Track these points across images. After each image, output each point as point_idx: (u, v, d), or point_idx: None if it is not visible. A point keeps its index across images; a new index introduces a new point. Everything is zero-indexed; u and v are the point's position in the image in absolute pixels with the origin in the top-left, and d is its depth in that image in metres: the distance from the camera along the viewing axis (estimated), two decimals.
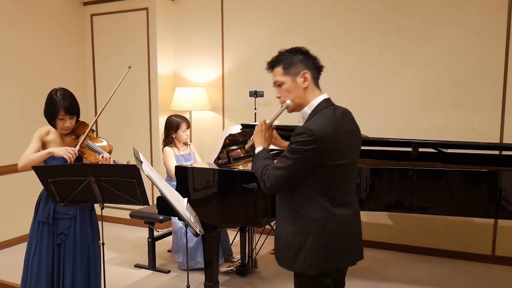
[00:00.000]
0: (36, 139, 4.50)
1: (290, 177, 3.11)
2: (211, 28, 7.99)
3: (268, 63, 3.43)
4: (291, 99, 3.28)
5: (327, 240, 3.15)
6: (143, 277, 6.24)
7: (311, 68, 3.31)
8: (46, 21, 7.83)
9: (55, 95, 4.41)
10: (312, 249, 3.14)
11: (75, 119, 4.52)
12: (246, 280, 6.08)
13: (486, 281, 6.00)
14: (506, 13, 6.13)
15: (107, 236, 6.31)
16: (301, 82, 3.24)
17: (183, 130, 6.43)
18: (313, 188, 3.12)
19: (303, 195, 3.15)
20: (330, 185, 3.14)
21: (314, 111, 3.22)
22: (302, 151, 3.02)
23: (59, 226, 4.47)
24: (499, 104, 6.27)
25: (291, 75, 3.26)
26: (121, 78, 4.85)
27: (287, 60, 3.30)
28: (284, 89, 3.30)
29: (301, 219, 3.16)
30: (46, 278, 4.48)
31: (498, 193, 4.82)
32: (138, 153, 3.84)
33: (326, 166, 3.08)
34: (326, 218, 3.13)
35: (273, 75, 3.39)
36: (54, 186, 3.98)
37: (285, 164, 3.08)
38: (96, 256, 4.68)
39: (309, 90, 3.27)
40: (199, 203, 5.01)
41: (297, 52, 3.33)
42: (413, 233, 6.93)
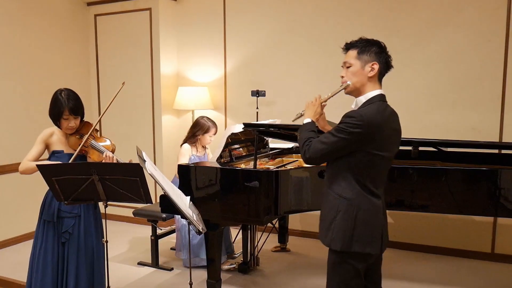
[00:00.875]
0: (39, 142, 4.53)
1: (329, 153, 3.32)
2: (213, 28, 7.99)
3: (346, 44, 3.63)
4: (353, 82, 3.44)
5: (354, 221, 3.32)
6: (147, 274, 6.24)
7: (382, 62, 3.46)
8: (50, 21, 7.84)
9: (60, 95, 4.43)
10: (340, 225, 3.34)
11: (80, 119, 4.54)
12: (248, 277, 6.08)
13: (485, 279, 6.00)
14: (505, 13, 6.13)
15: (110, 234, 6.31)
16: (368, 70, 3.41)
17: (210, 135, 6.41)
18: (348, 169, 3.33)
19: (340, 175, 3.38)
20: (365, 172, 3.32)
21: (368, 101, 3.38)
22: (348, 132, 3.19)
23: (64, 225, 4.47)
24: (498, 103, 6.26)
25: (362, 61, 3.44)
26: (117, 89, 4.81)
27: (364, 47, 3.50)
28: (351, 71, 3.46)
29: (334, 196, 3.40)
30: (51, 276, 4.48)
31: (497, 191, 4.83)
32: (141, 152, 3.84)
33: (366, 152, 3.27)
34: (356, 200, 3.33)
35: (346, 56, 3.56)
36: (58, 185, 3.98)
37: (328, 140, 3.27)
38: (100, 255, 4.68)
39: (372, 80, 3.43)
40: (202, 201, 5.01)
41: (375, 44, 3.54)
42: (413, 231, 6.93)
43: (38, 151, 4.51)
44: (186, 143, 6.40)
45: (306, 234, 7.59)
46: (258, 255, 6.41)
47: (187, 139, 6.46)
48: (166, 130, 8.19)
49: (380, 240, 3.44)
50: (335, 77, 6.77)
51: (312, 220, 7.45)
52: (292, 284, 5.85)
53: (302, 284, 5.86)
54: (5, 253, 7.01)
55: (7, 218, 7.22)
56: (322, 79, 7.09)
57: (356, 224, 3.32)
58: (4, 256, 6.90)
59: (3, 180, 7.15)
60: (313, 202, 5.08)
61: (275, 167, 5.17)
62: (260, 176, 4.79)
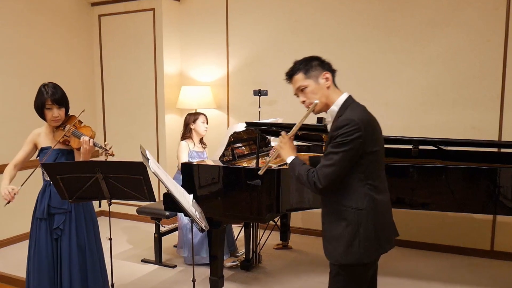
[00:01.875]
0: (27, 143, 4.60)
1: (341, 172, 3.18)
2: (216, 29, 7.99)
3: (287, 74, 3.49)
4: (319, 99, 3.35)
5: (375, 227, 3.27)
6: (150, 271, 6.24)
7: (329, 70, 3.41)
8: (55, 21, 7.84)
9: (43, 87, 4.49)
10: (366, 238, 3.24)
11: (64, 111, 4.53)
12: (250, 274, 6.08)
13: (484, 276, 5.99)
14: (504, 13, 6.12)
15: (114, 231, 6.32)
16: (324, 82, 3.35)
17: (201, 121, 6.47)
18: (357, 178, 3.24)
19: (348, 188, 3.25)
20: (372, 173, 3.27)
21: (342, 107, 3.32)
22: (349, 141, 3.11)
23: (55, 221, 4.47)
24: (497, 102, 6.26)
25: (313, 77, 3.36)
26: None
27: (305, 66, 3.40)
28: (309, 92, 3.37)
29: (350, 211, 3.24)
30: (47, 273, 4.49)
31: (496, 189, 4.83)
32: (145, 151, 3.84)
33: (368, 153, 3.20)
34: (372, 206, 3.25)
35: (293, 83, 3.46)
36: (62, 183, 3.99)
37: (333, 161, 3.16)
38: (94, 251, 4.64)
39: (331, 89, 3.39)
40: (205, 199, 5.02)
41: (312, 59, 3.45)
42: (414, 229, 6.93)
43: (26, 152, 4.58)
44: (183, 141, 6.49)
45: (307, 232, 7.59)
46: (260, 253, 6.41)
47: (182, 136, 6.57)
48: (169, 129, 8.19)
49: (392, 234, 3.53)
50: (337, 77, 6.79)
51: (313, 218, 7.45)
52: (294, 281, 5.85)
53: (303, 281, 5.86)
54: (10, 251, 7.04)
55: (12, 217, 7.21)
56: None
57: (377, 229, 3.28)
58: (9, 253, 6.92)
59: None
60: (314, 200, 5.08)
61: (277, 165, 5.17)
62: (262, 174, 4.78)
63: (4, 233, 7.19)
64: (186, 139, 6.50)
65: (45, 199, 4.45)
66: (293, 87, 3.46)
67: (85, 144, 4.35)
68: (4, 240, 7.18)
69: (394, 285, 5.73)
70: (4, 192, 4.31)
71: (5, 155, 7.05)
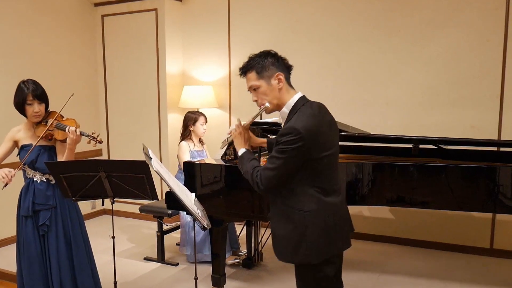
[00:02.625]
0: (6, 141, 4.56)
1: (282, 176, 3.17)
2: (218, 29, 7.99)
3: (240, 69, 3.44)
4: (269, 101, 3.34)
5: (323, 228, 3.23)
6: (152, 269, 6.25)
7: (283, 69, 3.35)
8: (58, 21, 7.85)
9: (22, 83, 4.49)
10: (313, 239, 3.21)
11: (44, 106, 4.52)
12: (252, 272, 6.09)
13: (484, 273, 5.99)
14: (503, 13, 6.12)
15: (117, 230, 6.33)
16: (276, 84, 3.30)
17: (201, 123, 6.48)
18: (304, 182, 3.20)
19: (295, 191, 3.23)
20: (319, 177, 3.22)
21: (292, 110, 3.28)
22: (291, 149, 3.08)
23: (40, 217, 4.46)
24: (497, 101, 6.25)
25: (266, 78, 3.31)
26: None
27: (259, 64, 3.32)
28: (261, 92, 3.35)
29: (297, 213, 3.23)
30: (39, 269, 4.49)
31: (496, 188, 4.82)
32: (148, 149, 3.85)
33: (314, 160, 3.16)
34: (320, 208, 3.21)
35: (247, 80, 3.42)
36: (66, 181, 3.99)
37: (275, 165, 3.15)
38: (81, 245, 4.64)
39: (284, 90, 3.33)
40: (207, 198, 5.01)
41: (267, 56, 3.36)
42: (414, 227, 6.92)
43: (5, 149, 4.54)
44: (183, 141, 6.50)
45: None
46: (262, 251, 6.41)
47: (182, 136, 6.57)
48: (172, 128, 8.19)
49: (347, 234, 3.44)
50: (337, 76, 6.80)
51: None
52: (295, 278, 5.85)
53: None
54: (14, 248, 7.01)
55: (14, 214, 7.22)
56: (324, 78, 7.10)
57: (327, 231, 3.25)
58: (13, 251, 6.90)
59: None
60: None
61: None
62: None
63: (7, 231, 7.18)
64: (186, 139, 6.51)
65: (29, 196, 4.44)
66: (247, 83, 3.43)
67: (71, 134, 4.33)
68: (8, 238, 7.19)
69: (394, 282, 5.73)
70: (1, 175, 4.26)
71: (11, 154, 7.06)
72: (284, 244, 3.35)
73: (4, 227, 7.10)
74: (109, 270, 4.75)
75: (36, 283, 4.49)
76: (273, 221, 3.43)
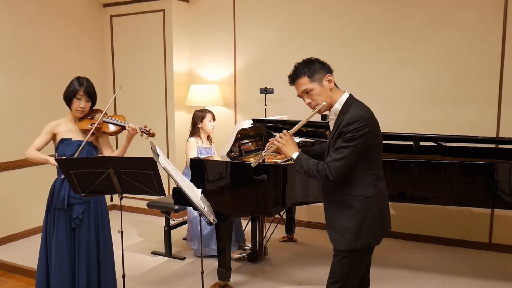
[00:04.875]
0: (44, 133, 4.58)
1: (350, 164, 3.32)
2: (223, 29, 7.99)
3: (290, 77, 3.58)
4: (324, 100, 3.46)
5: (380, 212, 3.44)
6: (160, 263, 6.26)
7: (329, 72, 3.51)
8: (69, 22, 7.86)
9: (77, 79, 4.59)
10: (374, 222, 3.41)
11: (90, 105, 4.59)
12: (257, 266, 6.09)
13: (483, 267, 5.98)
14: (502, 14, 6.11)
15: (126, 225, 6.33)
16: (327, 84, 3.46)
17: (208, 120, 6.46)
18: (363, 169, 3.38)
19: (356, 178, 3.40)
20: (375, 163, 3.43)
21: (345, 105, 3.44)
22: (359, 136, 3.26)
23: (74, 211, 4.47)
24: (495, 100, 6.25)
25: (317, 81, 3.45)
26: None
27: (309, 69, 3.47)
28: (315, 94, 3.47)
29: (357, 200, 3.40)
30: (69, 263, 4.48)
31: (494, 184, 4.83)
32: (155, 147, 3.85)
33: (374, 145, 3.37)
34: (376, 193, 3.41)
35: (297, 86, 3.54)
36: (75, 178, 4.00)
37: (344, 154, 3.29)
38: (108, 240, 4.68)
39: (334, 90, 3.49)
40: (213, 194, 5.02)
41: (314, 62, 3.53)
42: (414, 222, 6.92)
43: (43, 141, 4.56)
44: (192, 137, 6.47)
45: (312, 225, 7.58)
46: (267, 245, 6.41)
47: (191, 134, 6.54)
48: (179, 126, 8.19)
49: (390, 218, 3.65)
50: (340, 75, 6.78)
51: (318, 212, 7.44)
52: (299, 272, 5.85)
53: (308, 273, 5.87)
54: (26, 243, 7.07)
55: (28, 209, 7.26)
56: None
57: (381, 214, 3.45)
58: (26, 246, 6.96)
59: (25, 173, 7.20)
60: (318, 194, 5.07)
61: (283, 161, 5.16)
62: (269, 169, 4.79)
63: (20, 226, 7.22)
64: (194, 136, 6.50)
65: (64, 190, 4.44)
66: (297, 89, 3.55)
67: (132, 131, 4.48)
68: (20, 233, 7.21)
69: (395, 276, 5.72)
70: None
71: (21, 151, 7.04)
72: (343, 232, 3.45)
73: (11, 222, 7.14)
74: (118, 263, 4.75)
75: (64, 273, 4.48)
76: (330, 211, 3.58)
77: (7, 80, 6.90)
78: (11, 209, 7.07)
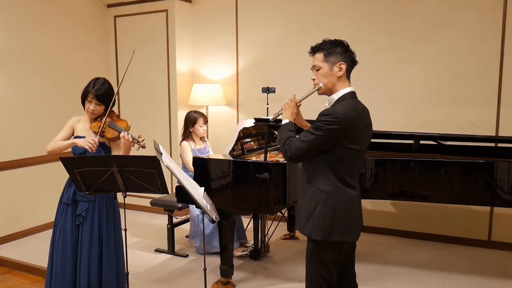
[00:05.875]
0: (67, 127, 4.65)
1: (309, 150, 3.36)
2: (226, 29, 7.99)
3: (312, 48, 3.65)
4: (324, 83, 3.49)
5: (332, 212, 3.38)
6: (163, 260, 6.26)
7: (347, 61, 3.55)
8: (73, 22, 7.86)
9: (93, 80, 4.60)
10: (319, 217, 3.40)
11: (104, 108, 4.58)
12: (259, 263, 6.09)
13: (482, 265, 5.98)
14: (501, 15, 6.10)
15: (129, 222, 6.33)
16: (337, 71, 3.47)
17: (200, 125, 6.44)
18: (327, 164, 3.37)
19: (318, 170, 3.41)
20: (342, 165, 3.38)
21: (340, 99, 3.45)
22: (325, 129, 3.25)
23: (78, 208, 4.51)
24: (494, 99, 6.24)
25: (330, 63, 3.48)
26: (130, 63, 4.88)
27: (329, 49, 3.54)
28: (321, 74, 3.51)
29: (313, 190, 3.44)
30: (71, 256, 4.52)
31: (493, 182, 4.83)
32: (158, 145, 3.85)
33: (343, 147, 3.32)
34: (334, 192, 3.37)
35: (313, 59, 3.60)
36: (80, 176, 4.00)
37: (307, 138, 3.34)
38: (111, 240, 4.67)
39: (341, 79, 3.50)
40: (215, 192, 5.03)
41: (339, 45, 3.59)
42: (415, 220, 6.92)
43: (66, 135, 4.63)
44: (184, 140, 6.49)
45: None
46: (268, 243, 6.42)
47: (182, 136, 6.56)
48: (182, 125, 8.15)
49: (357, 228, 3.56)
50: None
51: None
52: (300, 269, 5.84)
53: None
54: (30, 241, 7.07)
55: (33, 207, 7.26)
56: None
57: (334, 215, 3.38)
58: (30, 243, 6.96)
59: (30, 171, 7.21)
60: None
61: (284, 160, 5.16)
62: (270, 168, 4.80)
63: (24, 224, 7.23)
64: (187, 139, 6.50)
65: (72, 186, 4.46)
66: (312, 62, 3.61)
67: (124, 140, 4.42)
68: (24, 231, 7.22)
69: (396, 273, 5.72)
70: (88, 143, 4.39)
71: (26, 150, 7.10)
72: (300, 215, 3.57)
73: (15, 220, 7.15)
74: None
75: (67, 268, 4.52)
76: (298, 194, 3.66)
77: (11, 79, 6.90)
78: (16, 207, 7.08)
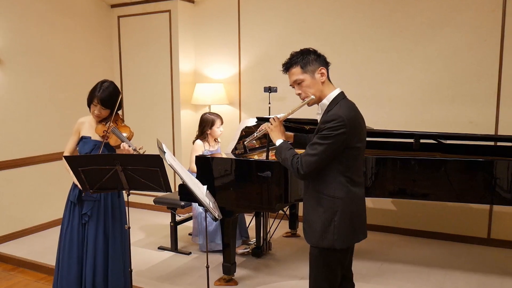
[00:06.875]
0: (73, 134, 4.68)
1: (322, 162, 3.25)
2: (228, 29, 7.99)
3: (284, 65, 3.55)
4: (313, 93, 3.40)
5: (350, 216, 3.34)
6: (166, 258, 6.27)
7: (324, 64, 3.45)
8: (77, 22, 7.86)
9: (99, 84, 4.56)
10: (340, 225, 3.32)
11: (109, 111, 4.58)
12: (261, 261, 6.10)
13: (482, 262, 5.98)
14: (500, 15, 6.10)
15: (133, 220, 6.34)
16: (319, 77, 3.39)
17: (217, 126, 6.38)
18: (337, 170, 3.30)
19: (328, 177, 3.32)
20: (351, 167, 3.33)
21: (332, 102, 3.37)
22: (334, 135, 3.18)
23: (84, 207, 4.54)
24: (494, 98, 6.24)
25: (309, 72, 3.39)
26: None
27: (303, 60, 3.41)
28: (305, 86, 3.41)
29: (327, 199, 3.34)
30: (77, 253, 4.55)
31: (493, 181, 4.82)
32: (162, 144, 3.85)
33: (350, 148, 3.26)
34: (348, 196, 3.32)
35: (290, 75, 3.50)
36: (84, 175, 4.01)
37: (317, 151, 3.23)
38: (117, 238, 4.70)
39: (325, 84, 3.43)
40: (218, 190, 5.03)
41: (310, 53, 3.45)
42: (415, 218, 6.92)
43: (74, 142, 4.66)
44: (198, 139, 6.40)
45: None
46: (270, 240, 6.41)
47: (197, 136, 6.47)
48: (185, 124, 8.21)
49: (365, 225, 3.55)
50: (342, 74, 6.78)
51: None
52: (302, 267, 5.85)
53: None
54: (36, 238, 7.08)
55: (37, 205, 7.27)
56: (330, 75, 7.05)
57: (352, 220, 3.36)
58: (35, 241, 6.97)
59: (34, 170, 7.21)
60: None
61: None
62: (272, 166, 4.79)
63: (29, 221, 7.25)
64: (202, 140, 6.40)
65: None
66: (289, 79, 3.51)
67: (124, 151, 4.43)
68: (29, 229, 7.23)
69: (396, 271, 5.73)
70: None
71: (28, 150, 7.10)
72: (313, 228, 3.43)
73: (20, 218, 7.17)
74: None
75: (72, 265, 4.55)
76: (305, 205, 3.53)
77: (16, 79, 6.91)
78: (20, 205, 7.08)
